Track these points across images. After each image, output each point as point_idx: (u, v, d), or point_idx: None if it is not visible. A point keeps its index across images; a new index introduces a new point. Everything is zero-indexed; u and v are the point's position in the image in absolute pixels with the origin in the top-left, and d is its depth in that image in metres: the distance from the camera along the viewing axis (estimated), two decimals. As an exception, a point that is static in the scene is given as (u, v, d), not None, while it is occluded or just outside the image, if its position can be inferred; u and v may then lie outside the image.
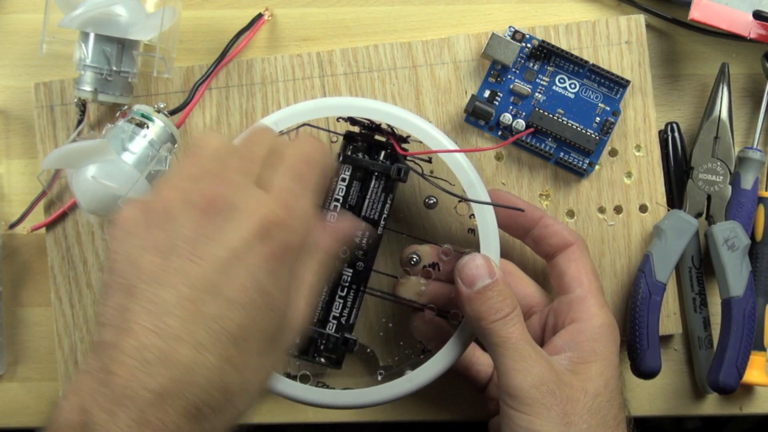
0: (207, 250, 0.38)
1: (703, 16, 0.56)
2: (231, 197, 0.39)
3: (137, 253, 0.39)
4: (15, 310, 0.60)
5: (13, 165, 0.60)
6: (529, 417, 0.45)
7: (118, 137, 0.53)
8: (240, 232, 0.39)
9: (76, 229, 0.58)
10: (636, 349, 0.55)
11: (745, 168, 0.57)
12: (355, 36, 0.59)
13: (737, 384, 0.54)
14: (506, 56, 0.57)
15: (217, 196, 0.39)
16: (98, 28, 0.54)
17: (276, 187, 0.41)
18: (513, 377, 0.46)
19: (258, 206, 0.39)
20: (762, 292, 0.57)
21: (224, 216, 0.39)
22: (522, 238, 0.54)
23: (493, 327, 0.46)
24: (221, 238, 0.38)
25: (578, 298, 0.50)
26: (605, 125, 0.57)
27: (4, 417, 0.60)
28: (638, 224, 0.58)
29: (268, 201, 0.40)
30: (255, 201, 0.40)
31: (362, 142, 0.52)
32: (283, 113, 0.50)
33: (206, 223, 0.39)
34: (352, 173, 0.51)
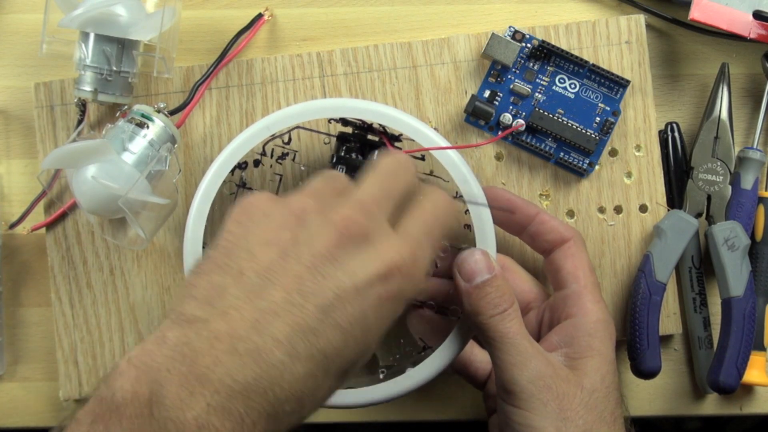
0: (331, 272, 0.38)
1: (703, 16, 0.56)
2: (367, 229, 0.40)
3: (256, 242, 0.39)
4: (15, 310, 0.60)
5: (13, 165, 0.60)
6: (526, 412, 0.46)
7: (118, 137, 0.53)
8: (368, 267, 0.39)
9: (76, 229, 0.58)
10: (636, 349, 0.55)
11: (745, 168, 0.57)
12: (355, 36, 0.59)
13: (737, 384, 0.54)
14: (506, 56, 0.57)
15: (355, 222, 0.40)
16: (98, 28, 0.54)
17: (408, 234, 0.42)
18: (510, 372, 0.46)
19: (390, 249, 0.40)
20: (762, 292, 0.57)
21: (357, 245, 0.40)
22: (519, 234, 0.54)
23: (490, 322, 0.46)
24: (348, 266, 0.39)
25: (574, 293, 0.50)
26: (605, 125, 0.57)
27: (4, 417, 0.60)
28: (638, 224, 0.58)
29: (401, 247, 0.41)
30: (388, 242, 0.40)
31: (355, 143, 0.52)
32: (274, 117, 0.50)
33: (338, 245, 0.39)
34: (347, 173, 0.51)
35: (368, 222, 0.40)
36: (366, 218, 0.40)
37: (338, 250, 0.39)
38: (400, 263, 0.40)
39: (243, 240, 0.40)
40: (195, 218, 0.50)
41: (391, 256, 0.40)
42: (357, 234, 0.40)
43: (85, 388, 0.58)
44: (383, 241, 0.40)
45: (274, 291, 0.38)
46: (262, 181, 0.57)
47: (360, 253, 0.39)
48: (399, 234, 0.42)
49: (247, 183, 0.57)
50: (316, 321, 0.37)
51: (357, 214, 0.40)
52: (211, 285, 0.38)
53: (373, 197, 0.42)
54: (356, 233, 0.40)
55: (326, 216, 0.40)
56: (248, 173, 0.57)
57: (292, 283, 0.38)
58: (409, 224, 0.43)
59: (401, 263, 0.40)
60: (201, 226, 0.50)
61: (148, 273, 0.58)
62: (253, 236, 0.40)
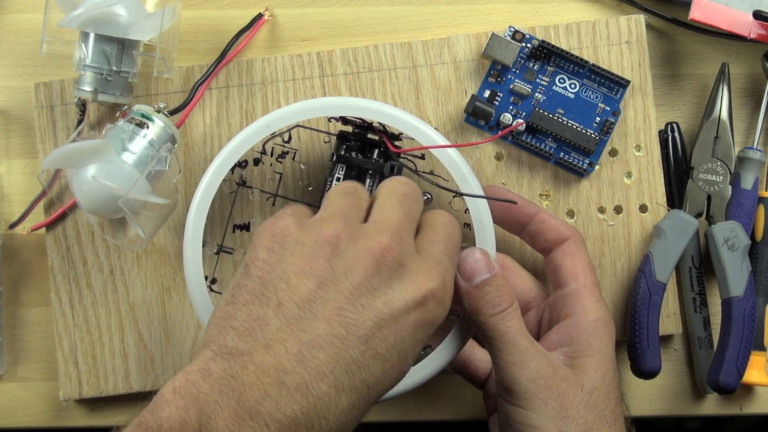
0: (371, 302, 0.39)
1: (703, 16, 0.56)
2: (401, 257, 0.41)
3: (292, 271, 0.39)
4: (15, 310, 0.60)
5: (13, 165, 0.60)
6: (526, 411, 0.46)
7: (118, 137, 0.53)
8: (405, 296, 0.40)
9: (76, 229, 0.58)
10: (636, 349, 0.55)
11: (745, 168, 0.57)
12: (355, 36, 0.59)
13: (737, 384, 0.54)
14: (506, 56, 0.57)
15: (391, 251, 0.41)
16: (98, 28, 0.54)
17: (434, 259, 0.43)
18: (510, 371, 0.46)
19: (425, 277, 0.41)
20: (762, 292, 0.57)
21: (392, 273, 0.40)
22: (518, 233, 0.54)
23: (490, 321, 0.46)
24: (387, 295, 0.40)
25: (573, 292, 0.50)
26: (605, 125, 0.57)
27: (4, 417, 0.60)
28: (638, 224, 0.58)
29: (433, 274, 0.41)
30: (420, 269, 0.41)
31: (355, 141, 0.52)
32: (274, 115, 0.50)
33: (375, 273, 0.40)
34: (346, 172, 0.51)
35: (402, 249, 0.41)
36: (399, 246, 0.41)
37: (375, 279, 0.40)
38: (434, 289, 0.41)
39: (278, 269, 0.40)
40: (195, 216, 0.50)
41: (426, 283, 0.41)
42: (393, 262, 0.40)
43: (85, 388, 0.58)
44: (416, 268, 0.41)
45: (317, 323, 0.38)
46: (262, 179, 0.57)
47: (396, 281, 0.40)
48: (426, 259, 0.42)
49: (247, 181, 0.57)
50: (358, 353, 0.38)
51: (392, 241, 0.41)
52: (251, 316, 0.39)
53: (400, 222, 0.43)
54: (392, 261, 0.40)
55: (360, 243, 0.41)
56: (248, 172, 0.57)
57: (334, 314, 0.38)
58: (431, 249, 0.43)
59: (435, 289, 0.41)
60: (201, 224, 0.50)
61: (148, 273, 0.58)
62: (288, 265, 0.40)
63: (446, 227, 0.45)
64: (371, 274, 0.40)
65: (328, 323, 0.38)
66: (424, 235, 0.44)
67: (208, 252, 0.56)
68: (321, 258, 0.40)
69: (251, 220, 0.57)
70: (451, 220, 0.46)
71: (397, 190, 0.45)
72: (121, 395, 0.58)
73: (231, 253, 0.56)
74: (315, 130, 0.55)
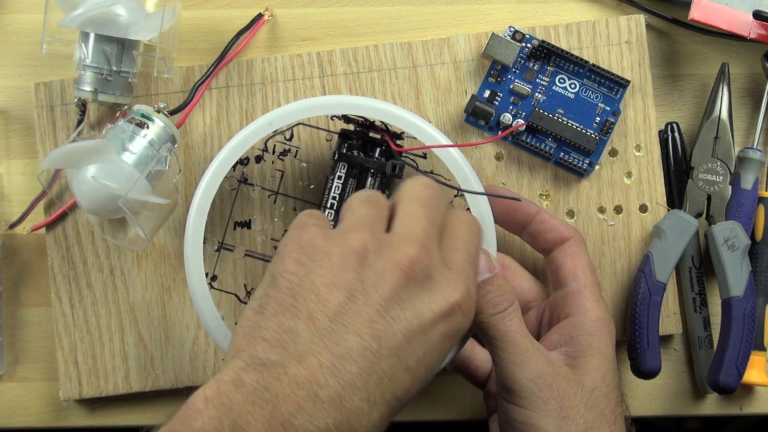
0: (401, 315, 0.39)
1: (703, 16, 0.56)
2: (429, 268, 0.41)
3: (321, 283, 0.39)
4: (15, 310, 0.60)
5: (13, 165, 0.60)
6: (526, 411, 0.46)
7: (118, 137, 0.53)
8: (433, 308, 0.40)
9: (76, 229, 0.58)
10: (636, 349, 0.55)
11: (745, 168, 0.57)
12: (355, 36, 0.59)
13: (737, 384, 0.54)
14: (506, 56, 0.57)
15: (419, 262, 0.40)
16: (98, 28, 0.54)
17: (459, 268, 0.43)
18: (510, 371, 0.46)
19: (451, 289, 0.41)
20: (762, 292, 0.57)
21: (420, 285, 0.40)
22: (519, 233, 0.54)
23: (491, 321, 0.46)
24: (416, 307, 0.40)
25: (573, 292, 0.50)
26: (605, 125, 0.57)
27: (4, 417, 0.60)
28: (638, 224, 0.58)
29: (459, 285, 0.42)
30: (447, 280, 0.41)
31: (357, 140, 0.52)
32: (276, 113, 0.50)
33: (405, 286, 0.40)
34: (348, 171, 0.51)
35: (428, 261, 0.41)
36: (426, 257, 0.41)
37: (404, 291, 0.40)
38: (460, 300, 0.41)
39: (307, 281, 0.40)
40: (196, 213, 0.50)
41: (452, 295, 0.41)
42: (420, 274, 0.40)
43: (85, 388, 0.58)
44: (443, 279, 0.41)
45: (348, 336, 0.38)
46: (263, 177, 0.57)
47: (424, 293, 0.40)
48: (450, 269, 0.42)
49: (249, 179, 0.57)
50: (389, 365, 0.38)
51: (419, 253, 0.41)
52: (282, 327, 0.38)
53: (425, 231, 0.42)
54: (419, 273, 0.40)
55: (387, 255, 0.40)
56: (249, 169, 0.57)
57: (365, 327, 0.38)
58: (455, 257, 0.43)
59: (461, 300, 0.41)
60: (202, 221, 0.50)
61: (148, 273, 0.58)
62: (317, 277, 0.40)
63: (468, 231, 0.45)
64: (400, 286, 0.40)
65: (360, 336, 0.38)
66: (446, 241, 0.44)
67: (209, 249, 0.56)
68: (350, 270, 0.40)
69: (252, 217, 0.57)
70: (472, 221, 0.46)
71: (419, 194, 0.44)
72: (121, 395, 0.58)
73: (231, 250, 0.56)
74: (317, 128, 0.55)
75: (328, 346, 0.38)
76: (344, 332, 0.38)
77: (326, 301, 0.39)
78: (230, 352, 0.39)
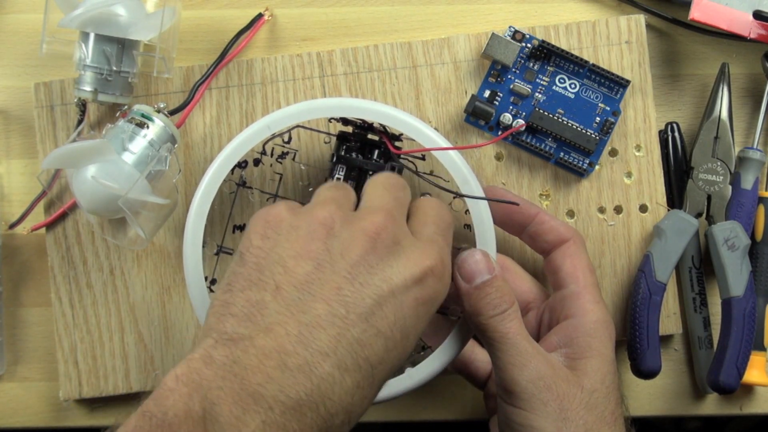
0: (369, 280, 0.39)
1: (703, 16, 0.56)
2: (397, 237, 0.41)
3: (288, 255, 0.40)
4: (15, 310, 0.60)
5: (13, 165, 0.60)
6: (526, 412, 0.46)
7: (118, 137, 0.53)
8: (403, 272, 0.40)
9: (76, 229, 0.58)
10: (636, 349, 0.55)
11: (745, 168, 0.57)
12: (355, 36, 0.59)
13: (737, 384, 0.54)
14: (506, 56, 0.57)
15: (385, 229, 0.41)
16: (98, 28, 0.54)
17: (429, 239, 0.43)
18: (510, 372, 0.46)
19: (422, 255, 0.41)
20: (762, 292, 0.57)
21: (389, 251, 0.40)
22: (518, 234, 0.54)
23: (490, 322, 0.46)
24: (385, 272, 0.40)
25: (573, 293, 0.50)
26: (605, 125, 0.57)
27: (4, 417, 0.60)
28: (638, 224, 0.58)
29: (430, 251, 0.42)
30: (416, 247, 0.42)
31: (355, 142, 0.52)
32: (275, 116, 0.50)
33: (372, 252, 0.40)
34: (347, 173, 0.51)
35: (396, 228, 0.41)
36: (393, 225, 0.41)
37: (372, 257, 0.40)
38: (432, 266, 0.41)
39: (273, 254, 0.40)
40: (195, 216, 0.50)
41: (423, 260, 0.41)
42: (388, 240, 0.41)
43: (85, 388, 0.58)
44: (412, 246, 0.41)
45: (316, 304, 0.38)
46: (262, 180, 0.57)
47: (393, 259, 0.40)
48: (420, 239, 0.42)
49: (247, 182, 0.57)
50: (359, 331, 0.38)
51: (385, 221, 0.41)
52: (249, 302, 0.38)
53: (391, 205, 0.43)
54: (387, 239, 0.41)
55: (354, 224, 0.41)
56: (248, 172, 0.57)
57: (333, 294, 0.38)
58: (424, 230, 0.44)
59: (433, 266, 0.41)
60: (201, 224, 0.50)
61: (148, 273, 0.58)
62: (283, 249, 0.40)
63: (434, 209, 0.46)
64: (367, 252, 0.40)
65: (328, 303, 0.38)
66: (414, 220, 0.45)
67: (208, 252, 0.56)
68: (316, 240, 0.40)
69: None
70: (439, 204, 0.46)
71: (382, 181, 0.46)
72: (121, 395, 0.58)
73: (231, 253, 0.56)
74: (315, 130, 0.55)
75: (296, 315, 0.38)
76: (311, 301, 0.38)
77: (293, 272, 0.39)
78: (201, 333, 0.39)
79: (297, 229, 0.41)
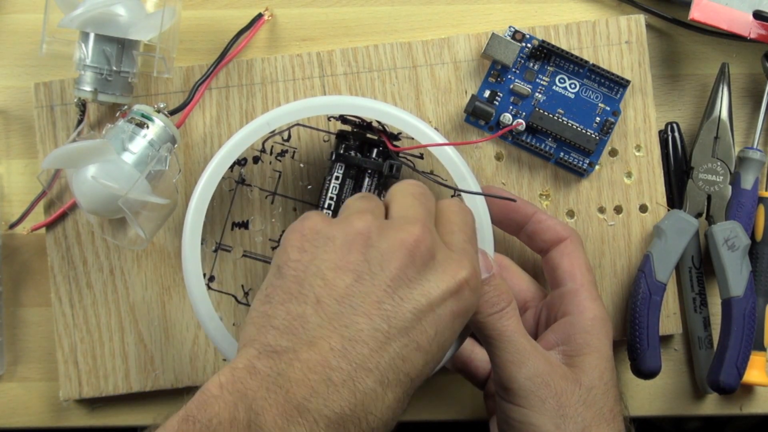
0: (408, 294, 0.39)
1: (703, 16, 0.56)
2: (432, 248, 0.41)
3: (327, 267, 0.39)
4: (15, 310, 0.60)
5: (13, 165, 0.60)
6: (524, 409, 0.46)
7: (118, 137, 0.53)
8: (441, 286, 0.40)
9: (76, 229, 0.58)
10: (636, 349, 0.55)
11: (745, 168, 0.57)
12: (355, 36, 0.59)
13: (737, 384, 0.54)
14: (506, 56, 0.57)
15: (423, 240, 0.41)
16: (98, 28, 0.54)
17: (461, 249, 0.43)
18: (508, 370, 0.46)
19: (457, 267, 0.41)
20: (762, 292, 0.57)
21: (426, 265, 0.40)
22: (516, 234, 0.54)
23: (488, 321, 0.46)
24: (423, 286, 0.40)
25: (570, 291, 0.50)
26: (605, 125, 0.57)
27: (4, 417, 0.60)
28: (638, 224, 0.58)
29: (464, 263, 0.42)
30: (452, 259, 0.42)
31: (354, 140, 0.52)
32: (274, 113, 0.50)
33: (411, 265, 0.40)
34: (345, 171, 0.51)
35: (431, 241, 0.41)
36: (430, 237, 0.41)
37: (411, 270, 0.40)
38: (467, 278, 0.41)
39: (312, 266, 0.40)
40: (194, 213, 0.50)
41: (458, 272, 0.41)
42: (425, 252, 0.40)
43: (85, 388, 0.58)
44: (447, 259, 0.41)
45: (358, 317, 0.38)
46: (262, 177, 0.57)
47: (430, 272, 0.40)
48: (453, 249, 0.42)
49: (247, 179, 0.57)
50: (401, 346, 0.38)
51: (423, 232, 0.41)
52: (290, 314, 0.39)
53: (424, 216, 0.43)
54: (424, 252, 0.40)
55: (391, 235, 0.41)
56: (247, 169, 0.57)
57: (374, 308, 0.38)
58: (453, 239, 0.43)
59: (468, 277, 0.41)
60: (200, 221, 0.50)
61: (148, 273, 0.58)
62: (322, 262, 0.40)
63: (459, 215, 0.45)
64: (406, 265, 0.40)
65: (369, 317, 0.38)
66: (441, 228, 0.44)
67: (207, 250, 0.56)
68: (355, 251, 0.40)
69: (250, 218, 0.57)
70: (461, 206, 0.46)
71: (410, 190, 0.45)
72: (121, 395, 0.58)
73: (229, 250, 0.56)
74: (314, 128, 0.55)
75: (338, 329, 0.38)
76: (353, 314, 0.38)
77: (333, 284, 0.39)
78: (241, 342, 0.40)
79: (334, 240, 0.40)
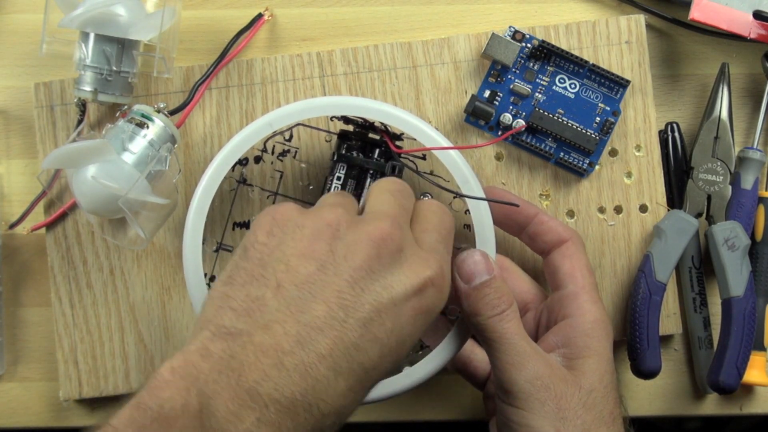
0: (370, 286, 0.39)
1: (703, 16, 0.56)
2: (401, 244, 0.41)
3: (292, 253, 0.40)
4: (15, 310, 0.60)
5: (13, 165, 0.60)
6: (524, 412, 0.46)
7: (118, 137, 0.53)
8: (404, 282, 0.40)
9: (76, 229, 0.58)
10: (636, 349, 0.55)
11: (745, 168, 0.57)
12: (355, 36, 0.59)
13: (737, 384, 0.54)
14: (506, 56, 0.57)
15: (390, 235, 0.41)
16: (98, 28, 0.54)
17: (431, 248, 0.43)
18: (508, 372, 0.46)
19: (423, 265, 0.41)
20: (762, 292, 0.57)
21: (392, 258, 0.40)
22: (518, 234, 0.54)
23: (489, 323, 0.46)
24: (386, 280, 0.40)
25: (571, 294, 0.50)
26: (605, 125, 0.57)
27: (4, 417, 0.60)
28: (638, 224, 0.58)
29: (431, 262, 0.42)
30: (419, 256, 0.41)
31: (356, 141, 0.52)
32: (276, 113, 0.50)
33: (376, 258, 0.40)
34: (347, 172, 0.51)
35: (400, 236, 0.41)
36: (399, 232, 0.41)
37: (375, 263, 0.40)
38: (433, 277, 0.41)
39: (278, 251, 0.40)
40: (195, 213, 0.50)
41: (424, 270, 0.41)
42: (392, 247, 0.40)
43: (85, 388, 0.58)
44: (414, 255, 0.41)
45: (316, 305, 0.38)
46: (263, 177, 0.57)
47: (395, 267, 0.40)
48: (422, 248, 0.42)
49: (248, 179, 0.57)
50: (357, 336, 0.38)
51: (392, 228, 0.41)
52: (249, 297, 0.38)
53: (397, 212, 0.43)
54: (391, 247, 0.40)
55: (360, 228, 0.41)
56: (249, 169, 0.57)
57: (333, 297, 0.38)
58: (425, 237, 0.43)
59: (433, 277, 0.41)
60: (201, 221, 0.50)
61: (148, 273, 0.58)
62: (288, 248, 0.40)
63: (436, 215, 0.46)
64: (371, 258, 0.40)
65: (327, 305, 0.38)
66: (416, 225, 0.44)
67: (208, 250, 0.56)
68: (321, 241, 0.40)
69: (251, 218, 0.57)
70: (440, 207, 0.46)
71: (387, 187, 0.46)
72: (121, 395, 0.58)
73: (230, 250, 0.56)
74: (316, 129, 0.55)
75: (295, 315, 0.38)
76: (311, 301, 0.38)
77: (296, 271, 0.39)
78: (198, 324, 0.39)
79: (302, 229, 0.41)
